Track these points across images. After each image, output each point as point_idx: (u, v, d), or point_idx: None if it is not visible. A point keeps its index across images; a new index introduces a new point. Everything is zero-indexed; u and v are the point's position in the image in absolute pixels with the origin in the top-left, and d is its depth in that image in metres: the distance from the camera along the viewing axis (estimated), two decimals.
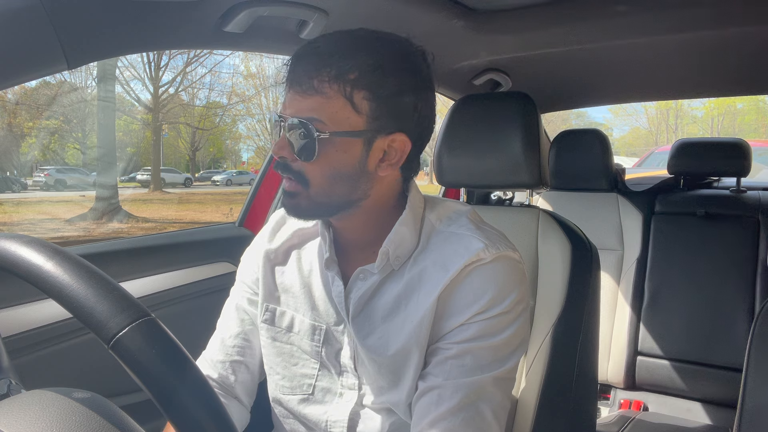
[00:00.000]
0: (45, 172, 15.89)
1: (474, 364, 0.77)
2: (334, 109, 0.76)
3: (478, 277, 0.79)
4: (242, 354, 0.96)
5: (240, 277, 0.99)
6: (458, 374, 0.77)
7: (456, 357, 0.78)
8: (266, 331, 0.93)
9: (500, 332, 0.78)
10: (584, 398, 1.13)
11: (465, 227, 0.84)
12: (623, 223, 2.21)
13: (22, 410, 0.45)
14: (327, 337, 0.88)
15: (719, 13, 1.35)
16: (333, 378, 0.89)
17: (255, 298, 0.95)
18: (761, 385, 0.88)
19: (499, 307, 0.78)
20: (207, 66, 20.78)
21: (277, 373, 0.93)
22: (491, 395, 0.77)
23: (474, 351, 0.77)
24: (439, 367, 0.78)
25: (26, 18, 0.81)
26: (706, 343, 2.05)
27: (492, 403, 0.77)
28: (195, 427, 0.43)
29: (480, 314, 0.78)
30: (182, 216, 12.65)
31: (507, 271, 0.81)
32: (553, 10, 1.36)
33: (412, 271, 0.83)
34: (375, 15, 1.26)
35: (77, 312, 0.45)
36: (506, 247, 0.82)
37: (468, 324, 0.78)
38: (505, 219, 1.25)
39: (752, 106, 30.19)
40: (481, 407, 0.75)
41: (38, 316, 1.12)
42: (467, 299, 0.79)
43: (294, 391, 0.91)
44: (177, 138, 21.80)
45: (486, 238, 0.82)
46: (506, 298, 0.79)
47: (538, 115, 1.22)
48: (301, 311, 0.90)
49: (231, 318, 0.98)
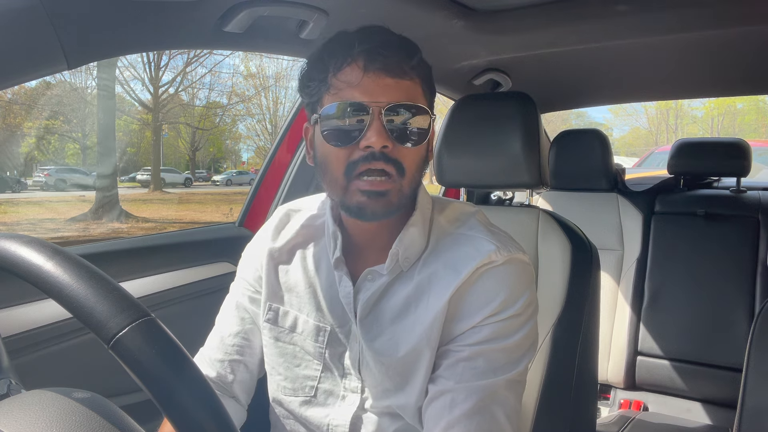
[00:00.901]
0: (45, 172, 15.90)
1: (486, 366, 0.76)
2: (421, 93, 0.80)
3: (489, 280, 0.79)
4: (241, 353, 0.95)
5: (241, 274, 0.98)
6: (471, 377, 0.76)
7: (468, 359, 0.77)
8: (269, 331, 0.92)
9: (512, 334, 0.78)
10: (584, 398, 1.13)
11: (475, 229, 0.84)
12: (623, 223, 2.21)
13: (22, 410, 0.45)
14: (331, 339, 0.87)
15: (719, 13, 1.35)
16: (336, 380, 0.88)
17: (256, 296, 0.94)
18: (761, 385, 0.88)
19: (511, 310, 0.78)
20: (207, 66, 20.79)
21: (279, 374, 0.92)
22: (504, 398, 0.76)
23: (486, 353, 0.77)
24: (450, 369, 0.78)
25: (26, 18, 0.81)
26: (706, 343, 2.05)
27: (505, 406, 0.76)
28: (195, 427, 0.43)
29: (492, 317, 0.78)
30: (182, 216, 12.65)
31: (518, 274, 0.81)
32: (552, 10, 1.36)
33: (422, 273, 0.82)
34: (375, 15, 1.26)
35: (77, 312, 0.45)
36: (516, 249, 0.83)
37: (480, 326, 0.78)
38: (505, 219, 1.24)
39: (752, 106, 30.19)
40: (494, 411, 0.75)
41: (38, 316, 1.12)
42: (479, 302, 0.79)
43: (296, 393, 0.90)
44: (177, 138, 21.80)
45: (497, 240, 0.82)
46: (518, 301, 0.79)
47: (538, 115, 1.22)
48: (305, 311, 0.89)
49: (231, 316, 0.96)
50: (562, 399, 1.08)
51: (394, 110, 0.76)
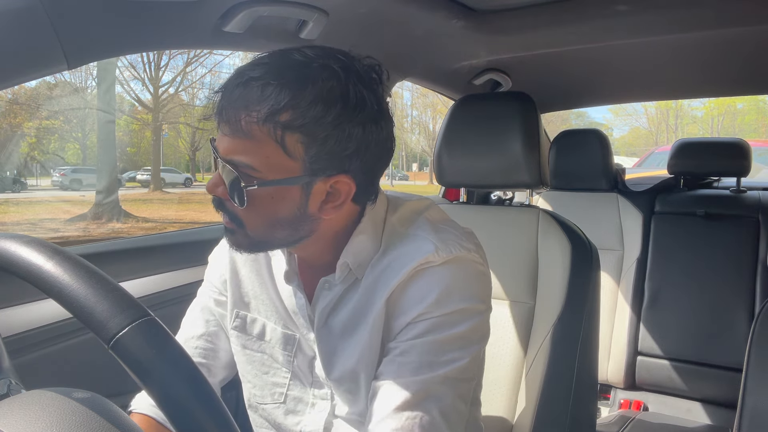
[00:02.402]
0: (61, 171, 16.07)
1: (420, 361, 0.74)
2: (265, 153, 0.69)
3: (424, 279, 0.77)
4: (205, 356, 0.92)
5: (207, 276, 0.96)
6: (405, 373, 0.74)
7: (401, 354, 0.76)
8: (236, 338, 0.90)
9: (448, 329, 0.76)
10: (584, 398, 1.13)
11: (421, 228, 0.81)
12: (623, 223, 2.21)
13: (22, 410, 0.45)
14: (300, 347, 0.86)
15: (719, 13, 1.35)
16: (305, 388, 0.86)
17: (222, 298, 0.92)
18: (761, 385, 0.88)
19: (446, 308, 0.76)
20: (207, 66, 20.82)
21: (249, 381, 0.90)
22: (440, 394, 0.74)
23: (418, 347, 0.75)
24: (387, 366, 0.76)
25: (26, 18, 0.81)
26: (706, 343, 2.05)
27: (441, 402, 0.74)
28: (195, 426, 0.43)
29: (425, 313, 0.76)
30: (182, 216, 12.64)
31: (457, 273, 0.78)
32: (553, 10, 1.36)
33: (369, 277, 0.80)
34: (375, 15, 1.26)
35: (77, 312, 0.45)
36: (461, 248, 0.79)
37: (414, 323, 0.76)
38: (505, 219, 1.24)
39: (752, 106, 30.20)
40: (428, 406, 0.73)
41: (38, 316, 1.12)
42: (413, 299, 0.77)
43: (265, 399, 0.89)
44: (177, 138, 21.80)
45: (439, 239, 0.79)
46: (455, 297, 0.76)
47: (538, 115, 1.22)
48: (272, 319, 0.87)
49: (196, 318, 0.94)
50: (562, 399, 1.08)
51: (223, 162, 0.70)
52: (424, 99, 27.64)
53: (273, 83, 0.67)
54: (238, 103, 0.68)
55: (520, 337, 1.14)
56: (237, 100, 0.68)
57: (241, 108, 0.68)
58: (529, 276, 1.16)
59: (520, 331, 1.14)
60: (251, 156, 0.69)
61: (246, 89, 0.68)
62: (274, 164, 0.69)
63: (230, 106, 0.69)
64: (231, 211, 0.73)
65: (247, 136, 0.68)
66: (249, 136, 0.68)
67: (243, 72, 0.70)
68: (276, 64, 0.70)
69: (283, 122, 0.67)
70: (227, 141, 0.70)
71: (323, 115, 0.68)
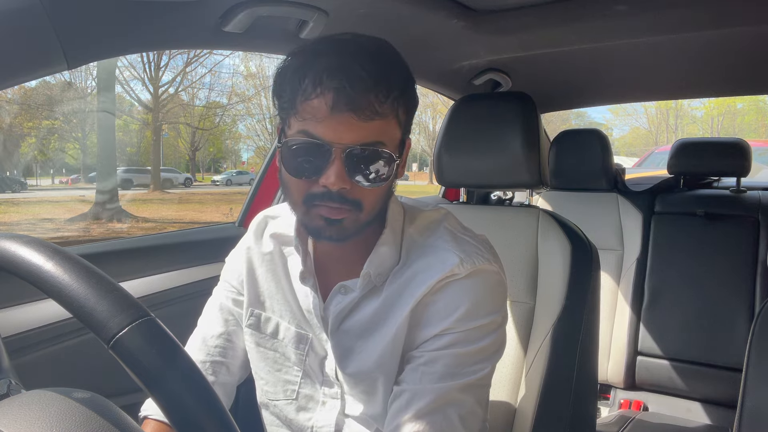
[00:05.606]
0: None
1: (444, 371, 0.77)
2: (391, 129, 0.76)
3: (451, 292, 0.79)
4: (224, 355, 0.94)
5: (224, 276, 0.98)
6: (429, 380, 0.77)
7: (426, 364, 0.78)
8: (250, 336, 0.92)
9: (473, 343, 0.78)
10: (584, 398, 1.13)
11: (442, 238, 0.84)
12: (623, 223, 2.21)
13: (22, 410, 0.45)
14: (312, 346, 0.88)
15: (719, 13, 1.35)
16: (315, 386, 0.89)
17: (240, 298, 0.94)
18: (761, 385, 0.88)
19: (473, 322, 0.78)
20: (207, 66, 20.80)
21: (262, 378, 0.93)
22: (460, 400, 0.77)
23: (445, 358, 0.78)
24: (411, 373, 0.79)
25: (26, 18, 0.81)
26: (706, 343, 2.05)
27: (461, 408, 0.77)
28: (195, 427, 0.43)
29: (453, 327, 0.78)
30: (182, 216, 12.64)
31: (482, 286, 0.80)
32: (553, 10, 1.36)
33: (391, 287, 0.82)
34: (375, 15, 1.26)
35: (77, 312, 0.45)
36: (483, 260, 0.81)
37: (441, 335, 0.79)
38: (505, 219, 1.24)
39: (752, 106, 30.19)
40: (448, 411, 0.76)
41: (38, 316, 1.12)
42: (441, 313, 0.79)
43: (278, 396, 0.91)
44: (177, 138, 21.80)
45: (462, 251, 0.81)
46: (480, 312, 0.79)
47: (538, 115, 1.22)
48: (286, 318, 0.89)
49: (214, 317, 0.96)
50: (562, 399, 1.08)
51: (356, 151, 0.73)
52: (424, 99, 27.65)
53: (381, 67, 0.73)
54: (373, 91, 0.72)
55: (520, 337, 1.14)
56: (365, 87, 0.71)
57: (371, 94, 0.72)
58: (529, 276, 1.17)
59: (520, 331, 1.14)
60: (383, 134, 0.75)
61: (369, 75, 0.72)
62: (395, 137, 0.77)
63: (362, 95, 0.71)
64: (353, 198, 0.75)
65: (379, 116, 0.73)
66: (380, 116, 0.73)
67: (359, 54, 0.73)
68: (366, 47, 0.75)
69: (397, 97, 0.74)
70: (359, 127, 0.72)
71: (413, 87, 0.79)
